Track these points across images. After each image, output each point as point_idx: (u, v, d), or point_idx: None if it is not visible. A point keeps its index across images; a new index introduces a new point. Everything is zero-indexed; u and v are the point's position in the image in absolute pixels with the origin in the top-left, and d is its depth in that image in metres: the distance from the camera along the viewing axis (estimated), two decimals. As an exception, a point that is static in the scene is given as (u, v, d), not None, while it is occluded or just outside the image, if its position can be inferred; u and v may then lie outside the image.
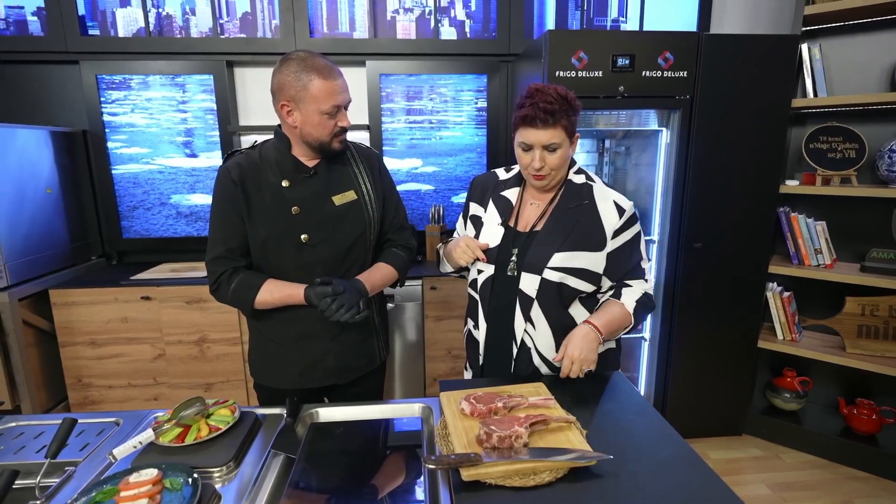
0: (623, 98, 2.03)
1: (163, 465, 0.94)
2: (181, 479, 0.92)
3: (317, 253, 1.30)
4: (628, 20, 2.73)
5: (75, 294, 2.30)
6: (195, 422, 1.09)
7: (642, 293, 1.25)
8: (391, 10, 2.61)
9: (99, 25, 2.50)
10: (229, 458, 1.00)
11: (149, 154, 2.64)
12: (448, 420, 1.08)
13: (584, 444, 0.98)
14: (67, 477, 0.98)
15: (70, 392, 2.39)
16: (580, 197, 1.25)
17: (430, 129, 2.74)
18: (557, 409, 1.10)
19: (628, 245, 1.24)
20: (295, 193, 1.28)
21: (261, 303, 1.28)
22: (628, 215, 1.23)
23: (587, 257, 1.22)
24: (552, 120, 1.14)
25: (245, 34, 2.57)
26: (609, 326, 1.21)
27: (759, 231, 2.22)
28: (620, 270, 1.25)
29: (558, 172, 1.23)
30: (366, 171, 1.37)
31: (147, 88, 2.57)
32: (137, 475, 0.91)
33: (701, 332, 2.29)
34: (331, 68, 1.22)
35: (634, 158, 2.53)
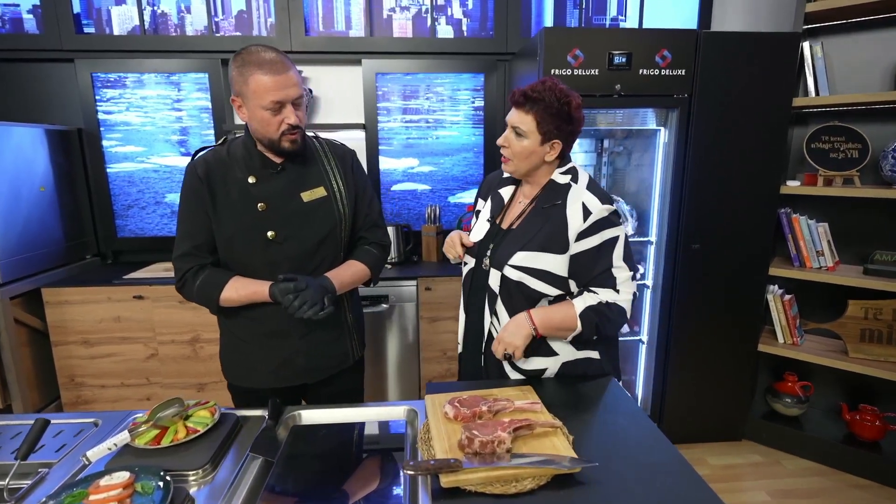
0: (620, 97, 2.00)
1: (136, 467, 0.92)
2: (153, 482, 0.90)
3: (284, 250, 1.27)
4: (627, 19, 2.69)
5: (68, 293, 2.28)
6: (173, 423, 1.07)
7: (599, 301, 1.18)
8: (387, 8, 2.59)
9: (94, 23, 2.50)
10: (205, 461, 0.98)
11: (144, 153, 2.63)
12: (431, 424, 1.05)
13: (569, 450, 0.95)
14: (39, 479, 0.95)
15: (63, 391, 2.38)
16: (556, 197, 1.23)
17: (427, 129, 2.71)
18: (544, 413, 1.07)
19: (595, 250, 1.18)
20: (261, 190, 1.26)
21: (226, 300, 1.26)
22: (595, 219, 1.17)
23: (549, 259, 1.19)
24: (526, 105, 1.16)
25: (240, 32, 2.55)
26: (546, 322, 1.19)
27: (759, 232, 2.18)
28: (585, 276, 1.20)
29: (522, 163, 1.22)
30: (338, 167, 1.35)
31: (142, 87, 2.56)
32: (109, 478, 0.89)
33: (699, 334, 2.25)
34: (274, 62, 1.15)
35: (634, 159, 2.50)
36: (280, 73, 1.15)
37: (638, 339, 2.38)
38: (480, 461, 0.91)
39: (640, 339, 2.37)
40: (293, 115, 1.18)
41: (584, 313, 1.17)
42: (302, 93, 1.21)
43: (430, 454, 0.97)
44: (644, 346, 2.35)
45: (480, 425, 0.99)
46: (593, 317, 1.17)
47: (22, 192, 2.24)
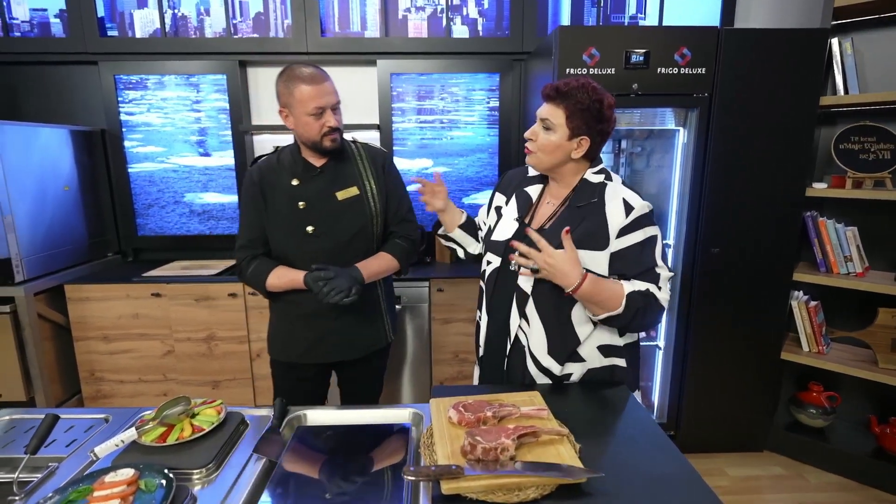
0: (637, 96, 1.96)
1: (140, 465, 0.93)
2: (157, 480, 0.90)
3: (320, 243, 1.46)
4: (647, 16, 2.63)
5: (89, 290, 2.34)
6: (179, 421, 1.08)
7: (646, 288, 1.14)
8: (403, 8, 2.58)
9: (117, 27, 2.56)
10: (209, 460, 0.98)
11: (164, 153, 2.68)
12: (435, 428, 1.04)
13: (574, 459, 0.92)
14: (49, 473, 0.97)
15: (83, 385, 2.44)
16: (591, 195, 1.20)
17: (441, 129, 2.70)
18: (551, 420, 1.05)
19: (638, 246, 1.15)
20: (303, 191, 1.46)
21: (271, 286, 1.47)
22: (638, 214, 1.15)
23: (589, 256, 1.16)
24: (556, 98, 1.16)
25: (258, 34, 2.58)
26: (594, 287, 1.11)
27: (783, 236, 2.10)
28: (630, 273, 1.16)
29: (547, 157, 1.20)
30: (370, 168, 1.52)
31: (162, 88, 2.61)
32: (114, 475, 0.90)
33: (719, 341, 2.18)
34: (314, 75, 1.37)
35: (652, 160, 2.44)
36: (320, 84, 1.36)
37: (655, 344, 2.32)
38: (483, 468, 0.89)
39: (656, 344, 2.31)
40: (332, 119, 1.39)
41: (632, 296, 1.13)
42: (338, 100, 1.41)
43: (433, 459, 0.95)
44: (661, 351, 2.29)
45: (484, 431, 0.97)
46: (639, 301, 1.13)
47: (47, 191, 2.31)
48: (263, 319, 2.39)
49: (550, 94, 1.18)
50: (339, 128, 1.42)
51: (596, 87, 1.17)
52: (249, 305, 2.37)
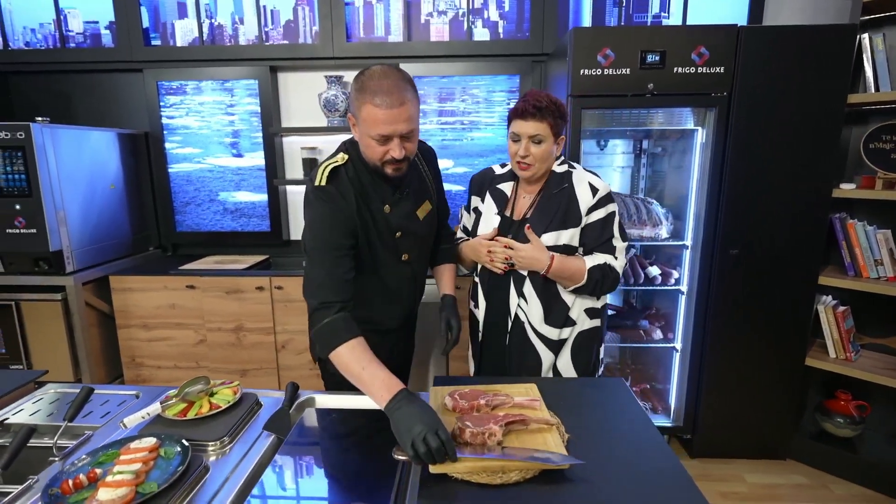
0: (652, 96, 1.95)
1: (162, 435, 1.03)
2: (174, 448, 1.00)
3: (412, 266, 1.40)
4: (671, 16, 2.61)
5: (131, 281, 2.52)
6: (199, 399, 1.18)
7: (603, 262, 1.38)
8: (425, 13, 2.66)
9: (160, 36, 2.74)
10: (223, 434, 1.07)
11: (200, 154, 2.85)
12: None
13: (560, 447, 0.96)
14: (85, 440, 1.08)
15: (125, 370, 2.63)
16: (561, 182, 1.41)
17: (462, 131, 2.76)
18: (542, 410, 1.09)
19: (601, 222, 1.39)
20: (395, 218, 1.28)
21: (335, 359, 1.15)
22: (601, 195, 1.38)
23: (568, 234, 1.39)
24: (539, 114, 1.32)
25: (288, 40, 2.71)
26: (561, 267, 1.36)
27: (808, 238, 2.04)
28: (591, 243, 1.40)
29: (542, 164, 1.37)
30: (431, 171, 1.42)
31: (200, 93, 2.78)
32: (138, 442, 1.00)
33: (738, 344, 2.14)
34: (390, 92, 1.09)
35: (673, 160, 2.41)
36: (392, 108, 1.09)
37: (671, 346, 2.29)
38: (471, 451, 0.94)
39: (673, 346, 2.29)
40: (398, 150, 1.14)
41: (592, 270, 1.37)
42: (414, 127, 1.15)
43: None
44: (678, 354, 2.26)
45: (475, 417, 1.02)
46: (597, 274, 1.37)
47: (96, 190, 2.51)
48: (288, 312, 2.51)
49: (534, 112, 1.32)
50: (407, 157, 1.18)
51: (550, 95, 1.36)
52: (276, 299, 2.49)
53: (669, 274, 2.22)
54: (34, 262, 2.26)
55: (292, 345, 2.55)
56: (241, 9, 2.69)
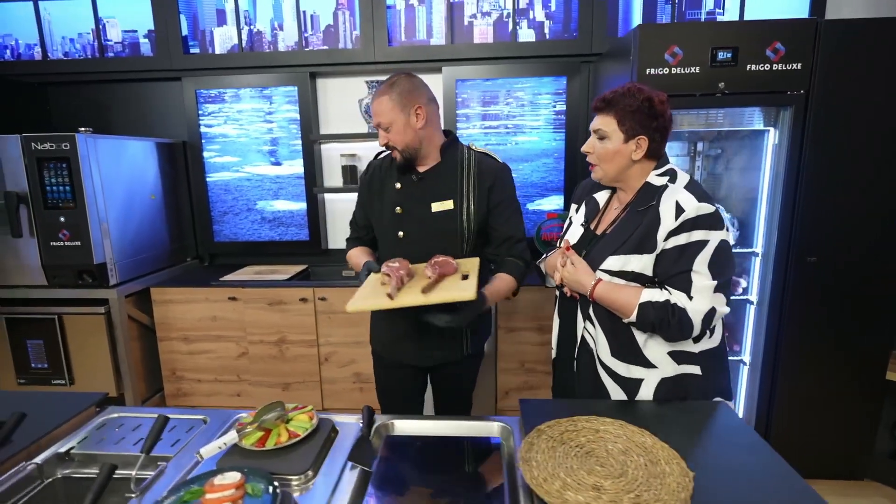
0: (724, 95, 1.84)
1: (245, 469, 0.95)
2: (262, 485, 0.92)
3: (409, 248, 1.43)
4: (725, 11, 2.50)
5: (172, 292, 2.47)
6: (275, 426, 1.10)
7: (666, 300, 1.13)
8: (468, 15, 2.58)
9: (199, 44, 2.70)
10: (307, 466, 0.99)
11: (238, 163, 2.80)
12: (533, 442, 1.00)
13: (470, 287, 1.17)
14: (160, 472, 1.01)
15: (165, 384, 2.57)
16: (650, 199, 1.19)
17: (506, 135, 2.67)
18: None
19: (678, 249, 1.14)
20: (402, 196, 1.45)
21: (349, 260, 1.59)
22: (687, 217, 1.12)
23: (640, 260, 1.17)
24: (605, 107, 1.19)
25: (328, 46, 2.66)
26: (607, 294, 1.19)
27: (891, 245, 1.91)
28: (663, 275, 1.16)
29: (608, 166, 1.22)
30: (475, 184, 1.43)
31: (238, 101, 2.73)
32: (222, 477, 0.92)
33: (813, 358, 2.01)
34: (378, 90, 1.39)
35: (732, 162, 2.30)
36: (374, 100, 1.38)
37: (739, 359, 2.17)
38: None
39: (741, 359, 2.16)
40: (382, 138, 1.40)
41: (644, 306, 1.14)
42: (383, 120, 1.37)
43: (532, 476, 0.91)
44: (746, 367, 2.14)
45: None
46: (651, 314, 1.14)
47: (136, 200, 2.47)
48: (332, 324, 2.44)
49: (599, 105, 1.21)
50: (388, 145, 1.40)
51: (643, 88, 1.19)
52: (319, 310, 2.42)
53: (737, 283, 2.10)
54: (78, 274, 2.21)
55: (335, 357, 2.48)
56: (280, 15, 2.65)
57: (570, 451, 0.99)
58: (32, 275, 2.23)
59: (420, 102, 1.37)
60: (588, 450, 1.00)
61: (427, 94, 1.40)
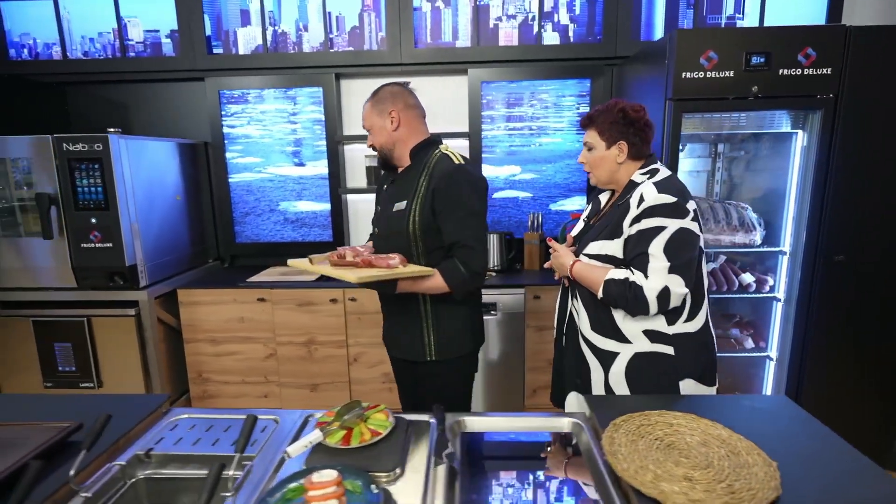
0: (757, 99, 1.90)
1: (338, 466, 0.96)
2: (359, 482, 0.93)
3: (378, 244, 1.57)
4: (745, 16, 2.56)
5: (199, 294, 2.46)
6: (356, 425, 1.11)
7: (624, 277, 1.29)
8: (494, 17, 2.61)
9: (222, 44, 2.69)
10: (396, 464, 1.01)
11: (261, 163, 2.80)
12: (613, 436, 1.03)
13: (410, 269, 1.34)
14: (248, 472, 1.02)
15: (191, 385, 2.56)
16: (628, 192, 1.36)
17: (530, 136, 2.70)
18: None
19: (638, 234, 1.29)
20: (382, 196, 1.60)
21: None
22: (646, 205, 1.28)
23: (613, 245, 1.35)
24: (589, 123, 1.40)
25: (353, 47, 2.66)
26: (581, 272, 1.38)
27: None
28: (627, 257, 1.33)
29: (598, 171, 1.40)
30: (426, 185, 1.46)
31: (262, 102, 2.73)
32: (319, 475, 0.93)
33: (841, 356, 2.07)
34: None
35: (756, 163, 2.36)
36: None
37: (765, 355, 2.23)
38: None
39: (767, 355, 2.22)
40: (368, 140, 1.54)
41: (607, 282, 1.31)
42: (366, 125, 1.52)
43: (623, 468, 0.94)
44: (773, 363, 2.20)
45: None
46: (613, 289, 1.30)
47: (162, 201, 2.45)
48: (362, 325, 2.45)
49: (585, 122, 1.42)
50: (373, 147, 1.53)
51: (619, 101, 1.37)
52: (349, 311, 2.43)
53: (764, 281, 2.16)
54: (109, 276, 2.19)
55: (364, 358, 2.49)
56: (305, 16, 2.65)
57: (651, 444, 1.03)
58: (61, 277, 2.20)
59: (395, 108, 1.48)
60: (668, 442, 1.03)
61: (407, 101, 1.51)
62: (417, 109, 1.53)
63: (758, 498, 0.86)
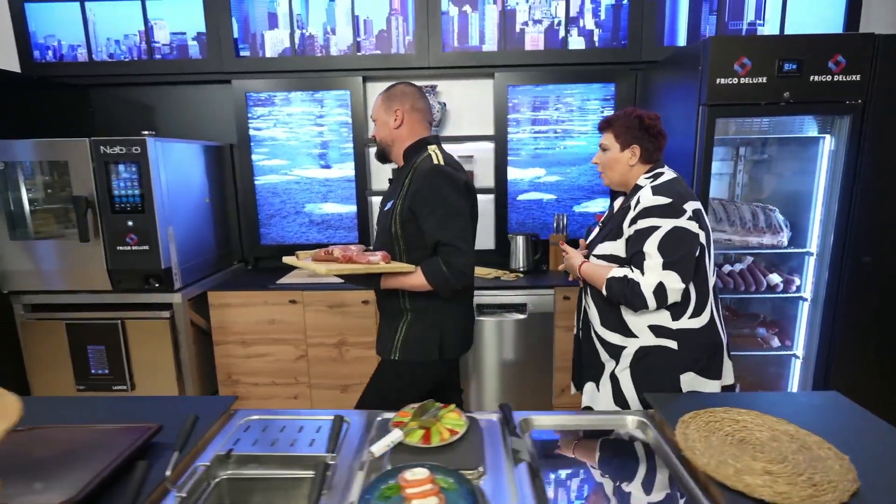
0: (788, 104, 1.95)
1: (426, 464, 0.99)
2: (450, 479, 0.96)
3: (374, 242, 1.62)
4: (766, 23, 2.62)
5: (230, 296, 2.47)
6: (432, 424, 1.14)
7: (623, 275, 1.38)
8: (520, 22, 2.64)
9: (249, 47, 2.70)
10: (478, 462, 1.04)
11: (287, 166, 2.81)
12: (685, 432, 1.07)
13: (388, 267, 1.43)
14: (334, 471, 1.04)
15: (220, 387, 2.56)
16: (632, 196, 1.44)
17: (555, 139, 2.74)
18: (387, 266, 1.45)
19: (636, 234, 1.38)
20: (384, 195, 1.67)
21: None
22: (641, 207, 1.37)
23: (616, 245, 1.44)
24: (606, 126, 1.49)
25: (380, 51, 2.68)
26: (588, 272, 1.49)
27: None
28: (628, 254, 1.42)
29: (611, 172, 1.50)
30: (409, 187, 1.49)
31: (289, 104, 2.74)
32: (411, 473, 0.96)
33: (868, 355, 2.13)
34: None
35: (779, 167, 2.42)
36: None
37: (791, 353, 2.28)
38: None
39: (793, 353, 2.28)
40: (371, 130, 1.63)
41: (610, 280, 1.40)
42: (375, 115, 1.58)
43: (703, 462, 0.98)
44: (799, 361, 2.26)
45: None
46: (615, 286, 1.39)
47: (193, 203, 2.45)
48: (393, 326, 2.47)
49: (602, 125, 1.51)
50: (374, 137, 1.62)
51: (636, 109, 1.47)
52: (380, 312, 2.45)
53: (791, 281, 2.21)
54: (144, 279, 2.20)
55: (395, 359, 2.51)
56: (333, 19, 2.66)
57: (723, 440, 1.06)
58: (96, 280, 2.20)
59: (402, 107, 1.53)
60: (739, 438, 1.07)
61: (414, 103, 1.55)
62: (423, 113, 1.57)
63: (840, 490, 0.90)
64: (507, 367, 2.52)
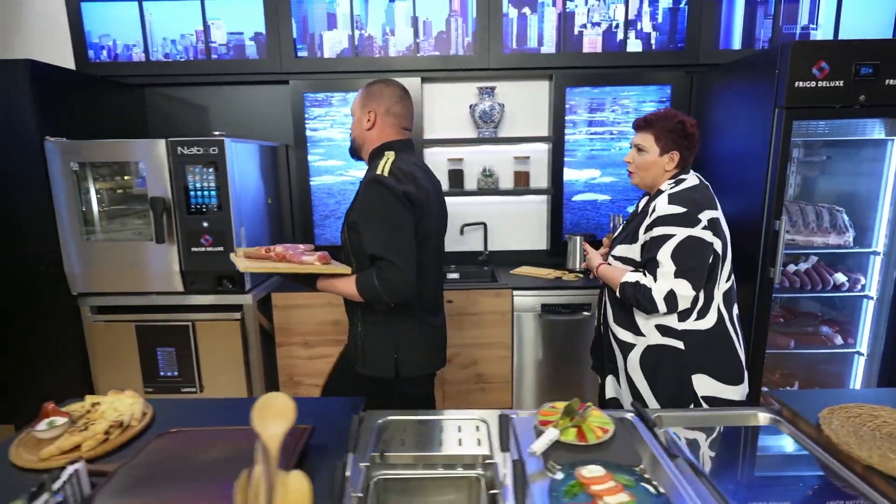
0: (862, 107, 1.99)
1: (600, 462, 1.00)
2: (627, 476, 0.98)
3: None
4: (819, 27, 2.67)
5: (294, 297, 2.46)
6: (583, 423, 1.16)
7: (636, 280, 1.43)
8: (579, 24, 2.67)
9: (307, 48, 2.69)
10: (639, 459, 1.05)
11: (343, 166, 2.81)
12: (833, 428, 1.09)
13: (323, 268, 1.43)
14: (493, 470, 1.05)
15: (282, 388, 2.55)
16: (652, 200, 1.47)
17: (610, 140, 2.77)
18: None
19: (650, 241, 1.42)
20: None
21: None
22: (657, 215, 1.40)
23: (632, 249, 1.48)
24: (646, 126, 1.48)
25: (439, 52, 2.69)
26: (604, 273, 1.55)
27: None
28: (643, 259, 1.45)
29: (643, 173, 1.49)
30: (356, 196, 1.45)
31: (346, 105, 2.74)
32: (588, 471, 0.98)
33: (931, 350, 2.19)
34: None
35: (832, 167, 2.46)
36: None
37: (855, 350, 2.33)
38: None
39: (857, 350, 2.32)
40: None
41: (623, 284, 1.45)
42: (353, 111, 1.52)
43: (866, 456, 1.00)
44: (863, 358, 2.30)
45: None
46: (628, 290, 1.44)
47: (258, 204, 2.44)
48: (457, 326, 2.48)
49: (641, 124, 1.50)
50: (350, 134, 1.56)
51: (677, 113, 1.47)
52: (446, 313, 2.45)
53: (857, 280, 2.26)
54: (217, 280, 2.18)
55: (458, 359, 2.52)
56: (392, 20, 2.67)
57: (872, 435, 1.09)
58: (167, 281, 2.18)
59: (376, 109, 1.44)
60: (887, 432, 1.10)
61: (389, 106, 1.43)
62: (397, 118, 1.45)
63: None
64: (562, 365, 2.54)
